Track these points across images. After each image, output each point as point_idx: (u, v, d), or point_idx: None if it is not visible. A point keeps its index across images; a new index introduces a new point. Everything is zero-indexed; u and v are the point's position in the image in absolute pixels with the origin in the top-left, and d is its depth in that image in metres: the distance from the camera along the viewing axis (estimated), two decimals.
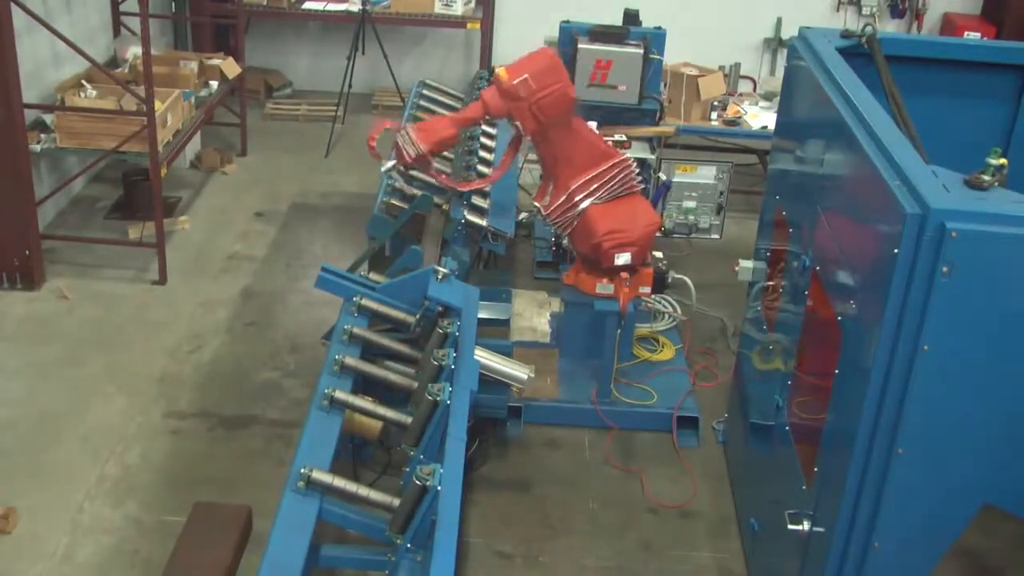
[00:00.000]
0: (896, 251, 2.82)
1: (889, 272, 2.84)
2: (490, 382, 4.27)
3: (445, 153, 5.45)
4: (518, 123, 4.71)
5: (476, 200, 5.12)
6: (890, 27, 9.27)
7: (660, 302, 5.88)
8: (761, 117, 7.09)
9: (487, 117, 4.76)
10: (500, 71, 4.61)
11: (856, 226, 3.27)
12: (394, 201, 4.94)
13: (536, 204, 5.09)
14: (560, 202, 4.90)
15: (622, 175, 4.90)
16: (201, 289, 6.24)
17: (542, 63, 4.63)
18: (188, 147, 7.36)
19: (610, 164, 4.88)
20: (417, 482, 3.12)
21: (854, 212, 3.32)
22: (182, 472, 4.71)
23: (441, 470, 3.16)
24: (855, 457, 3.04)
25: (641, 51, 6.00)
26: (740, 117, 7.09)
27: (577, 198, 4.88)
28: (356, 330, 3.94)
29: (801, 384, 3.77)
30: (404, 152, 4.60)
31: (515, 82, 4.55)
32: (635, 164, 5.00)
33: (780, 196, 4.33)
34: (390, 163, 4.70)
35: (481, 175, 5.26)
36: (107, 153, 6.10)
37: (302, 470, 3.18)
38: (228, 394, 5.27)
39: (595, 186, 4.87)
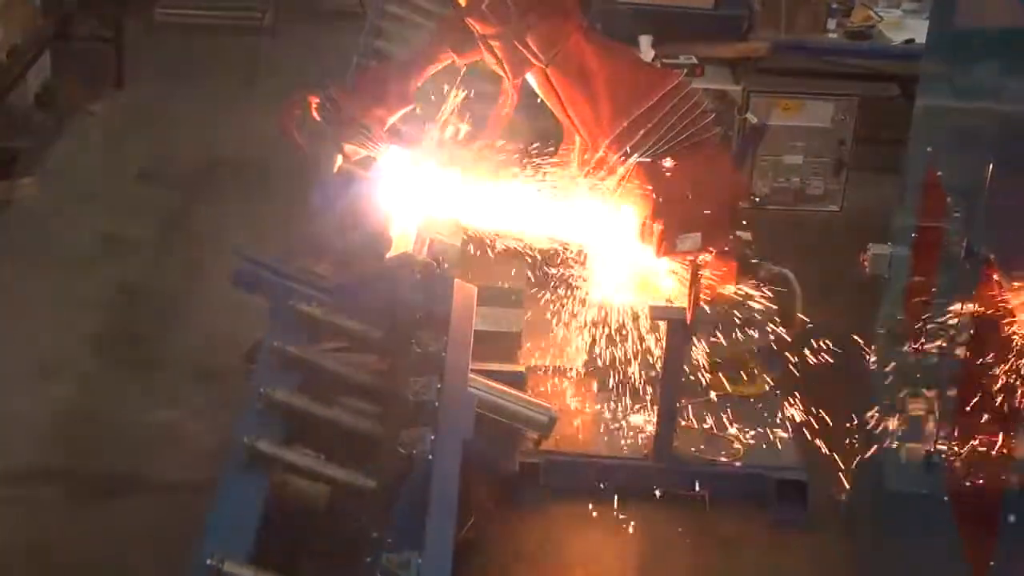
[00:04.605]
0: None
1: None
2: (493, 427, 4.29)
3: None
4: (500, 69, 4.73)
5: None
6: None
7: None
8: (905, 26, 7.07)
9: (453, 62, 4.74)
10: None
11: None
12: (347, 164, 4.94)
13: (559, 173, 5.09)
14: (592, 166, 4.90)
15: (682, 111, 4.87)
16: (56, 288, 6.22)
17: None
18: (32, 74, 7.32)
19: (660, 95, 4.83)
20: None
21: None
22: (26, 564, 4.68)
23: (419, 561, 3.13)
24: None
25: None
26: (872, 26, 7.09)
27: (616, 155, 4.86)
28: (293, 349, 3.93)
29: (968, 430, 3.73)
30: (325, 121, 4.61)
31: (484, 5, 4.54)
32: (704, 95, 4.98)
33: (933, 147, 4.32)
34: (338, 160, 4.70)
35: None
36: None
37: (210, 560, 3.14)
38: (98, 445, 5.26)
39: (641, 133, 4.83)
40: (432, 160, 4.82)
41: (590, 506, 5.10)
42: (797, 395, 5.62)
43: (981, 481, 3.61)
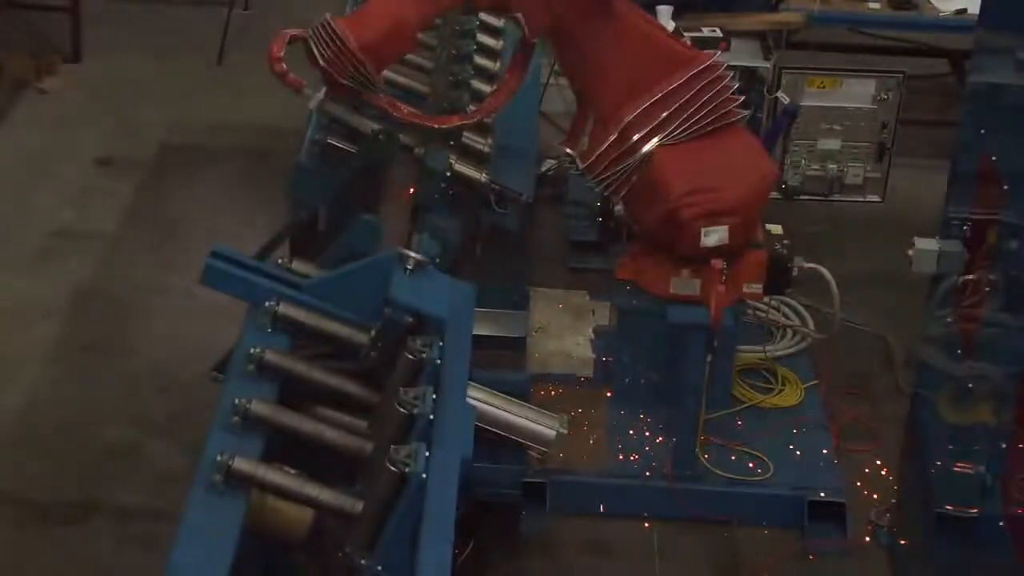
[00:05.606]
0: None
1: None
2: (495, 443, 4.27)
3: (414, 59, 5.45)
4: (519, 16, 4.75)
5: (469, 139, 5.14)
6: None
7: (779, 309, 5.86)
8: None
9: (469, 6, 4.83)
10: None
11: None
12: (334, 141, 4.96)
13: (568, 152, 5.13)
14: (607, 146, 4.92)
15: (709, 94, 4.93)
16: (3, 289, 6.21)
17: None
18: None
19: (687, 76, 4.90)
20: None
21: None
22: None
23: None
24: None
25: None
26: None
27: (635, 137, 4.91)
28: (270, 356, 3.92)
29: None
30: (318, 52, 4.59)
31: None
32: (733, 75, 5.01)
33: (988, 130, 4.31)
34: (319, 95, 4.71)
35: (477, 99, 5.27)
36: None
37: None
38: (51, 466, 5.25)
39: (664, 115, 4.90)
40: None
41: (602, 532, 5.11)
42: (833, 407, 5.64)
43: None
